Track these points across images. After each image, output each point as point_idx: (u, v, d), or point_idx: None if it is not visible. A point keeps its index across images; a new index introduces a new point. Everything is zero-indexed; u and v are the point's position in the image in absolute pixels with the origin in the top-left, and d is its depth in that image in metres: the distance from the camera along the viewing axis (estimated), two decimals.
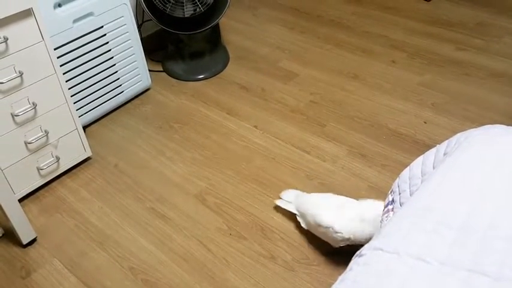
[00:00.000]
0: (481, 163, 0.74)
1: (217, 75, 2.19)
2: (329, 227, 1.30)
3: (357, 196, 1.55)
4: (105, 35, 1.79)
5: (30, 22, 1.41)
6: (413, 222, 0.64)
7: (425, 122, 1.84)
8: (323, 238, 1.39)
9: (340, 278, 0.66)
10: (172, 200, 1.62)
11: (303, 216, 1.43)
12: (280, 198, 1.55)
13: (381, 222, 0.94)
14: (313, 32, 2.43)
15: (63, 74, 1.63)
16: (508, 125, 1.79)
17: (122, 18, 1.82)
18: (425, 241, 0.61)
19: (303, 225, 1.44)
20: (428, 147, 1.73)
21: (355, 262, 0.64)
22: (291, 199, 1.51)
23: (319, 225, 1.34)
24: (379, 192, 1.57)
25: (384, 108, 1.92)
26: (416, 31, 2.38)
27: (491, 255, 0.58)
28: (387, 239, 0.64)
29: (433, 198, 0.68)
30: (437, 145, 1.56)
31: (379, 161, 1.69)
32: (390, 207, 0.95)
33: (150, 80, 2.08)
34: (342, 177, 1.64)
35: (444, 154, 0.87)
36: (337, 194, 1.56)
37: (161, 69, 2.24)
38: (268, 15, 2.63)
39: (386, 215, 0.94)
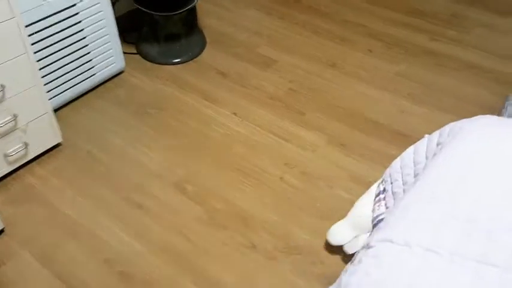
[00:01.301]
0: (480, 155, 0.75)
1: (194, 60, 2.12)
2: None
3: (337, 185, 1.56)
4: (77, 13, 1.70)
5: None
6: (419, 213, 0.64)
7: (402, 112, 1.86)
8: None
9: (349, 270, 0.65)
10: (150, 189, 1.57)
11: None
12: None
13: (372, 211, 0.94)
14: (291, 18, 2.40)
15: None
16: (481, 114, 1.83)
17: None
18: (434, 232, 0.61)
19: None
20: (405, 136, 1.76)
21: (364, 254, 0.63)
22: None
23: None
24: (359, 181, 1.57)
25: (362, 97, 1.93)
26: (392, 21, 2.39)
27: (499, 247, 0.58)
28: (396, 230, 0.63)
29: (437, 189, 0.68)
30: (426, 135, 1.58)
31: (358, 150, 1.69)
32: (382, 196, 0.95)
33: (124, 62, 1.99)
34: (321, 166, 1.63)
35: (438, 144, 0.87)
36: (318, 183, 1.56)
37: (135, 52, 2.16)
38: (247, 0, 2.57)
39: (378, 204, 0.94)
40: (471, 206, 0.64)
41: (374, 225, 0.91)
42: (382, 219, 0.90)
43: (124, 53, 2.00)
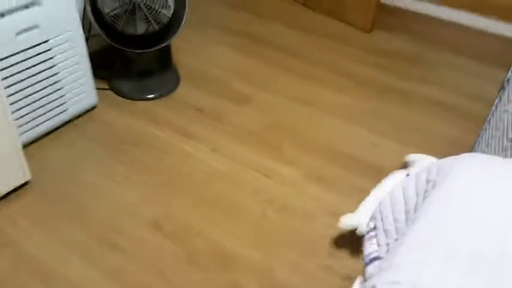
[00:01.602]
0: (476, 192, 0.75)
1: (169, 96, 2.11)
2: None
3: (318, 220, 1.56)
4: (50, 49, 1.66)
5: None
6: (424, 253, 0.64)
7: (375, 147, 1.90)
8: None
9: None
10: (125, 228, 1.50)
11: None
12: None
13: (364, 249, 0.93)
14: (263, 57, 2.45)
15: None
16: (450, 149, 1.89)
17: (70, 32, 1.70)
18: (441, 272, 0.60)
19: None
20: (380, 170, 1.79)
21: None
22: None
23: None
24: (339, 215, 1.57)
25: (337, 133, 1.96)
26: (361, 60, 2.48)
27: (508, 284, 0.58)
28: (402, 271, 0.62)
29: (438, 227, 0.68)
30: (409, 171, 1.60)
31: (337, 184, 1.71)
32: (373, 233, 0.94)
33: (96, 98, 1.95)
34: (302, 202, 1.63)
35: (427, 181, 0.88)
36: (299, 218, 1.55)
37: (108, 87, 2.12)
38: (218, 37, 2.61)
39: (369, 241, 0.93)
40: (475, 243, 0.65)
41: (366, 264, 0.90)
42: (375, 257, 0.90)
43: (97, 88, 1.97)
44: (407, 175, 1.62)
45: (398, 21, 2.90)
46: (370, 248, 0.90)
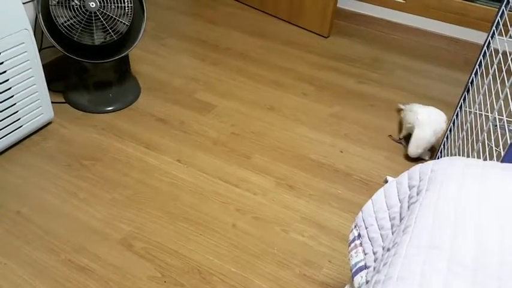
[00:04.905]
0: (466, 198, 0.75)
1: (129, 107, 2.04)
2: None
3: (291, 229, 1.55)
4: (2, 63, 1.56)
5: None
6: (424, 263, 0.63)
7: (341, 151, 1.92)
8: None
9: None
10: (93, 249, 1.43)
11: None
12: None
13: (349, 259, 0.92)
14: (224, 64, 2.42)
15: None
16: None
17: (23, 45, 1.61)
18: (444, 283, 0.60)
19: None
20: (348, 175, 1.81)
21: None
22: None
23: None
24: (312, 222, 1.57)
25: (303, 139, 1.97)
26: (319, 65, 2.51)
27: None
28: (405, 283, 0.61)
29: (435, 236, 0.67)
30: (388, 177, 1.62)
31: (307, 191, 1.71)
32: (358, 242, 0.94)
33: (52, 113, 1.85)
34: (274, 210, 1.61)
35: (411, 187, 0.89)
36: (272, 228, 1.54)
37: (63, 101, 2.02)
38: (177, 46, 2.56)
39: (354, 250, 0.93)
40: (476, 252, 0.64)
41: (354, 273, 0.90)
42: (362, 266, 0.89)
43: (52, 102, 1.87)
44: (386, 181, 1.64)
45: (355, 26, 2.97)
46: (356, 257, 0.89)
